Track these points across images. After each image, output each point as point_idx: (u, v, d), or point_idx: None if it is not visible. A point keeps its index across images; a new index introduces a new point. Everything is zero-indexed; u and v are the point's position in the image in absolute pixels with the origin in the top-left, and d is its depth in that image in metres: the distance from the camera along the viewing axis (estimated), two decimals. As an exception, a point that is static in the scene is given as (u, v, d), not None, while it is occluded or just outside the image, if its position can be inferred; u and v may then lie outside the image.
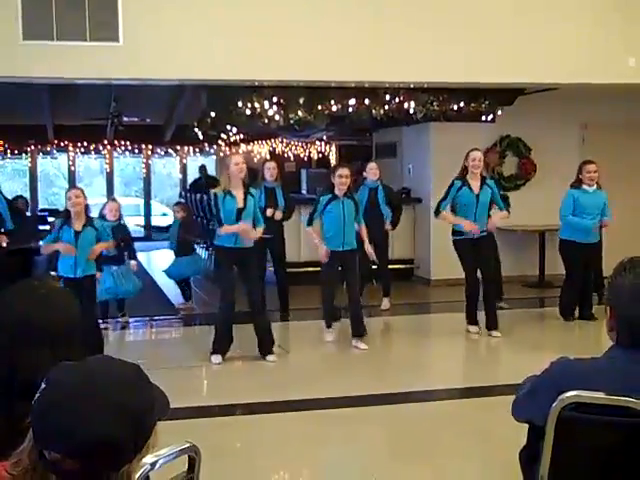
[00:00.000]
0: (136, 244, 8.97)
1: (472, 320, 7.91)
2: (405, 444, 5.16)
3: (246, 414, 5.67)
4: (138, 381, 1.48)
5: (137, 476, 1.48)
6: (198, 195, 13.60)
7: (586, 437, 2.36)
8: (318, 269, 7.80)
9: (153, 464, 1.64)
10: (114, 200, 8.97)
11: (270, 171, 8.65)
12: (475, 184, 7.74)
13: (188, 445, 1.87)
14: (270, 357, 7.01)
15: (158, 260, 14.51)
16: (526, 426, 2.59)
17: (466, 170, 7.76)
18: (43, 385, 1.44)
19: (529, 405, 2.49)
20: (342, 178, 7.42)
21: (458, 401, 6.05)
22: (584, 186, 8.20)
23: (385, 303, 9.26)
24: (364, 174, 9.05)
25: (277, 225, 8.57)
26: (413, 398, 5.95)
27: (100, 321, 8.02)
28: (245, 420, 5.58)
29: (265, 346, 7.04)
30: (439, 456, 4.89)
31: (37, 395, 1.43)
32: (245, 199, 6.87)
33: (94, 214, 7.35)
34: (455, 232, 7.85)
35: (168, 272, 9.75)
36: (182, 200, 13.46)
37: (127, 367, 1.51)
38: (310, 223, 7.56)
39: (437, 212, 7.91)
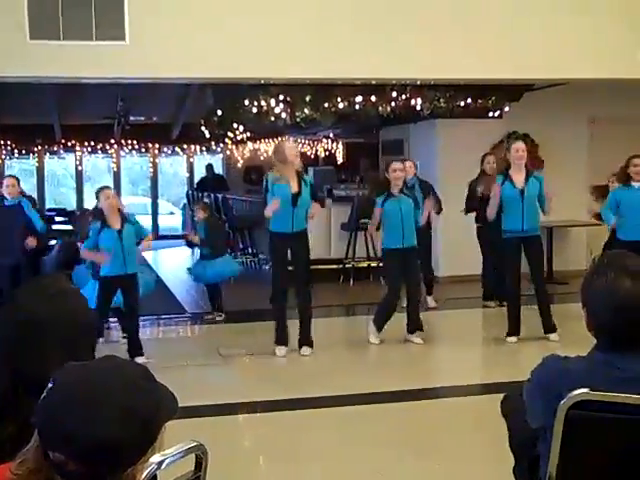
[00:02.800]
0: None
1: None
2: (420, 441, 5.16)
3: (259, 412, 5.68)
4: (145, 383, 1.46)
5: (142, 477, 1.47)
6: (204, 193, 13.61)
7: (592, 435, 2.34)
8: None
9: (160, 463, 1.63)
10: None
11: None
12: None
13: (195, 444, 1.86)
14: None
15: (166, 259, 14.51)
16: None
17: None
18: (49, 386, 1.43)
19: (529, 413, 2.46)
20: (396, 172, 7.35)
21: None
22: (633, 183, 7.63)
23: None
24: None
25: None
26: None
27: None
28: (258, 418, 5.59)
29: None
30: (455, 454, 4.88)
31: (43, 395, 1.42)
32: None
33: None
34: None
35: (198, 275, 8.99)
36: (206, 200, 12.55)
37: (134, 369, 1.49)
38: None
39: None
